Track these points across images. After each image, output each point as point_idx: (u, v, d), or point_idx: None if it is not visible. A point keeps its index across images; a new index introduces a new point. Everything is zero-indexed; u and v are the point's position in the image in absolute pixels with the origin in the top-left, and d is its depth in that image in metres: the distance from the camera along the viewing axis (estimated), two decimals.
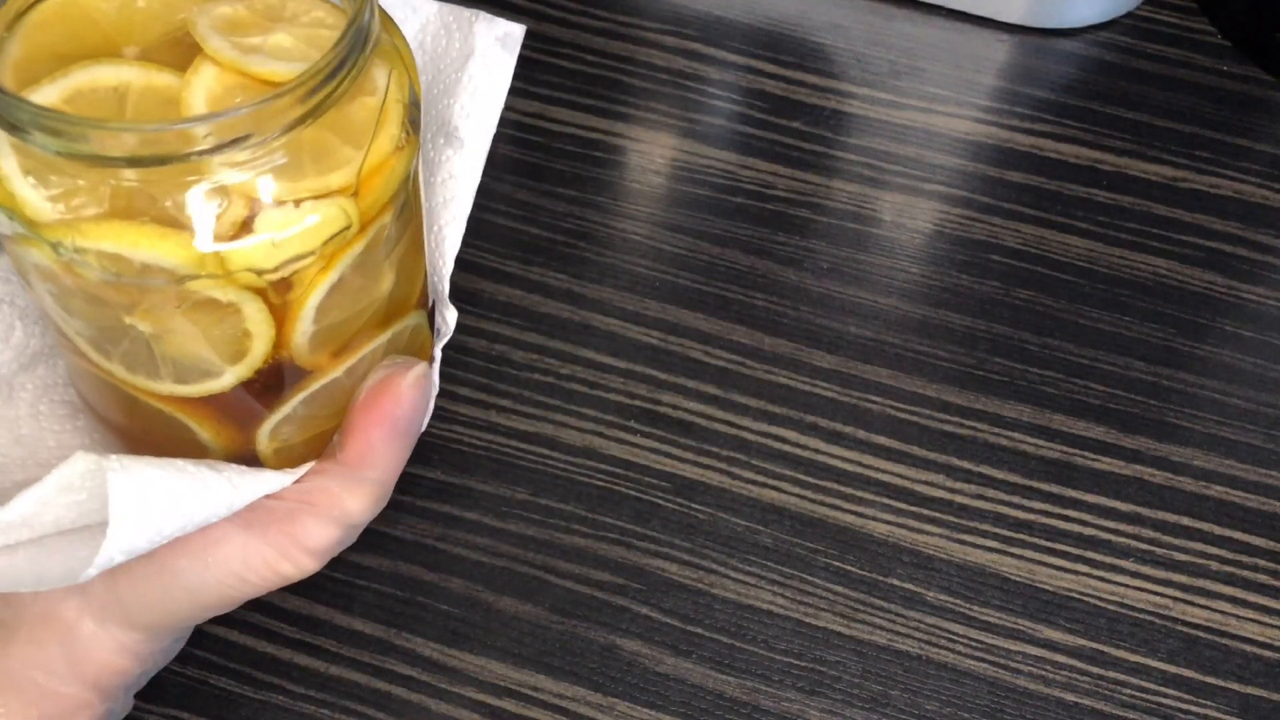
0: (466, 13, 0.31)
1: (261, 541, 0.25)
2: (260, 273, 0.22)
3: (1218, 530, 0.41)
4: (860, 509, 0.41)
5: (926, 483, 0.41)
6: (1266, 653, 0.38)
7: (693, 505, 0.40)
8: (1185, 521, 0.41)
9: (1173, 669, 0.38)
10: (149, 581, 0.25)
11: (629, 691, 0.36)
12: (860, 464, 0.42)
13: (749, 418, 0.43)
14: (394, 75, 0.24)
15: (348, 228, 0.23)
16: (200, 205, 0.21)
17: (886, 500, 0.41)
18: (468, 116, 0.30)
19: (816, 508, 0.41)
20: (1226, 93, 0.54)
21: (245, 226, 0.21)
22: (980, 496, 0.41)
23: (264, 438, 0.26)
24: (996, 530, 0.40)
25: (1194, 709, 0.37)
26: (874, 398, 0.43)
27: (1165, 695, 0.37)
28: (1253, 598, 0.39)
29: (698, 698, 0.36)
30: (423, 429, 0.28)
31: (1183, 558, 0.40)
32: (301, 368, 0.25)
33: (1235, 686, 0.38)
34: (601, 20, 0.55)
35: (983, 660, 0.38)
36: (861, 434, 0.42)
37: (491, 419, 0.42)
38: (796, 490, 0.41)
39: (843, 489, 0.41)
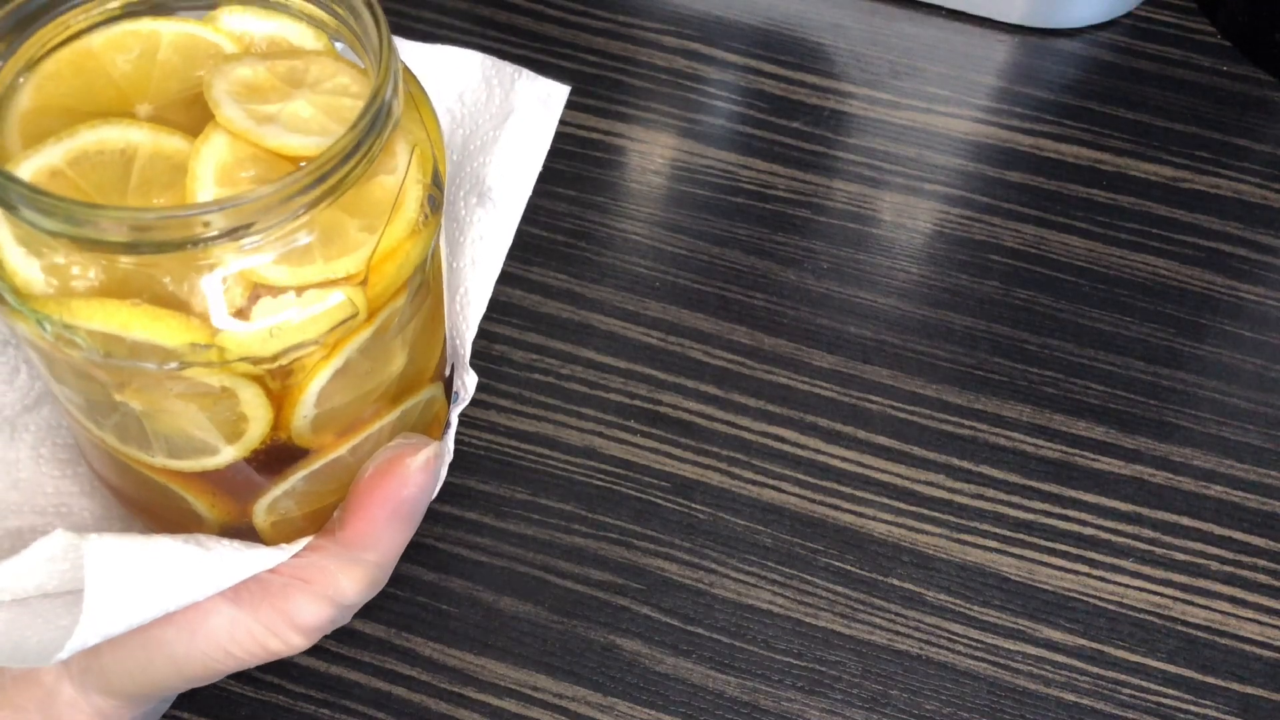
0: (509, 69, 0.29)
1: (251, 617, 0.24)
2: (257, 362, 0.21)
3: (1217, 530, 0.41)
4: (860, 509, 0.41)
5: (926, 483, 0.41)
6: (1266, 652, 0.38)
7: (693, 505, 0.40)
8: (1185, 521, 0.41)
9: (1172, 669, 0.38)
10: (131, 651, 0.25)
11: (629, 691, 0.36)
12: (860, 464, 0.42)
13: (749, 418, 0.43)
14: (416, 153, 0.23)
15: (354, 316, 0.21)
16: (197, 290, 0.20)
17: (886, 500, 0.41)
18: (502, 177, 0.28)
19: (816, 508, 0.41)
20: (1226, 93, 0.54)
21: (243, 313, 0.20)
22: (980, 496, 0.41)
23: (261, 512, 0.25)
24: (996, 530, 0.40)
25: (1194, 709, 0.37)
26: (874, 398, 0.43)
27: (1165, 695, 0.37)
28: (1252, 597, 0.39)
29: (698, 698, 0.36)
30: (432, 497, 0.27)
31: (1182, 557, 0.40)
32: (303, 448, 0.24)
33: (1235, 686, 0.38)
34: (601, 20, 0.55)
35: (982, 660, 0.38)
36: (861, 434, 0.42)
37: (491, 419, 0.42)
38: (796, 490, 0.41)
39: (843, 489, 0.41)
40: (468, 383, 0.29)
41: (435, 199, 0.23)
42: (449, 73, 0.30)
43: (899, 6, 0.56)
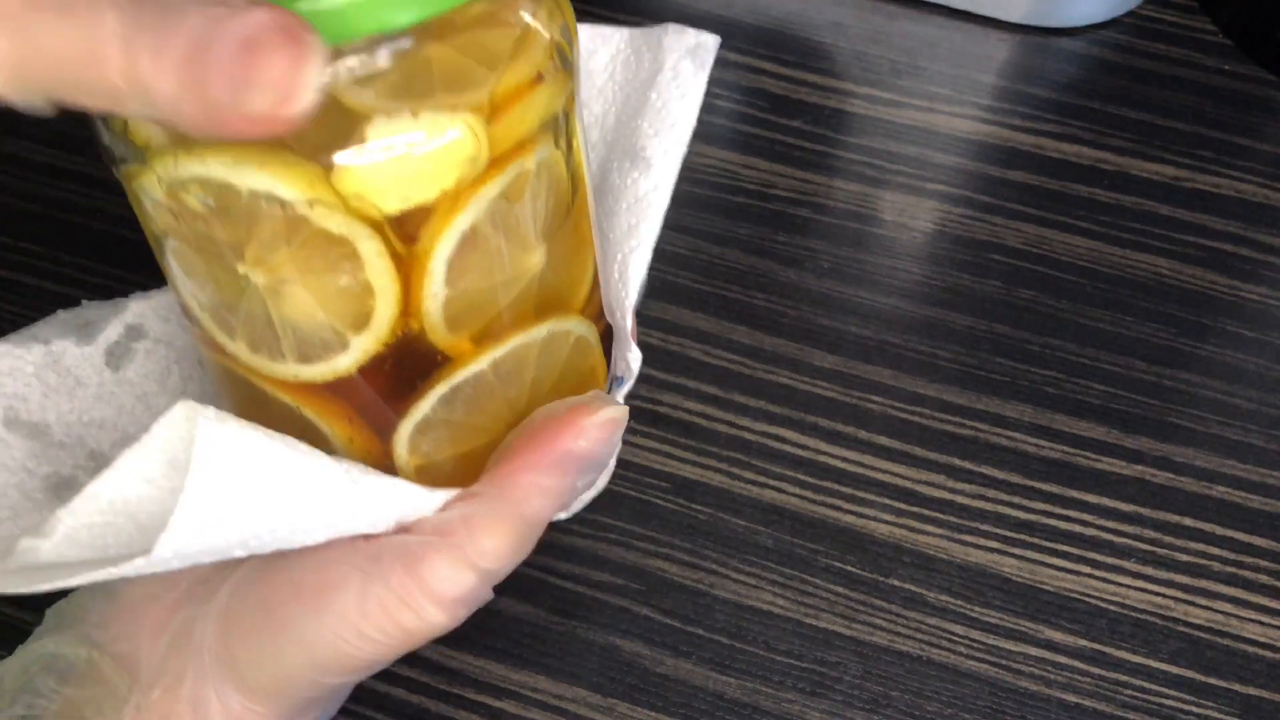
0: (655, 30, 0.28)
1: (382, 585, 0.21)
2: (376, 198, 0.19)
3: (1219, 531, 0.41)
4: (861, 509, 0.40)
5: (927, 483, 0.41)
6: (1268, 653, 0.38)
7: (693, 505, 0.40)
8: (1187, 522, 0.41)
9: (1174, 670, 0.38)
10: (260, 637, 0.22)
11: (629, 692, 0.36)
12: (861, 464, 0.42)
13: (749, 418, 0.42)
14: (544, 6, 0.21)
15: (475, 158, 0.20)
16: (322, 120, 0.18)
17: (887, 500, 0.41)
18: (654, 135, 0.27)
19: (817, 508, 0.40)
20: (1228, 92, 0.54)
21: (359, 141, 0.19)
22: (981, 497, 0.41)
23: (403, 446, 0.23)
24: (997, 531, 0.40)
25: (1195, 710, 0.37)
26: (875, 398, 0.43)
27: (1167, 696, 0.37)
28: (1255, 598, 0.39)
29: (698, 698, 0.36)
30: (598, 489, 0.25)
31: (1184, 558, 0.40)
32: (437, 348, 0.22)
33: (1237, 687, 0.37)
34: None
35: (984, 661, 0.38)
36: (862, 434, 0.42)
37: None
38: (797, 490, 0.41)
39: (843, 489, 0.41)
40: (632, 361, 0.26)
41: (564, 52, 0.22)
42: (600, 51, 0.28)
43: (900, 5, 0.56)
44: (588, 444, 0.22)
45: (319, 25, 0.17)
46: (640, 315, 0.45)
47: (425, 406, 0.22)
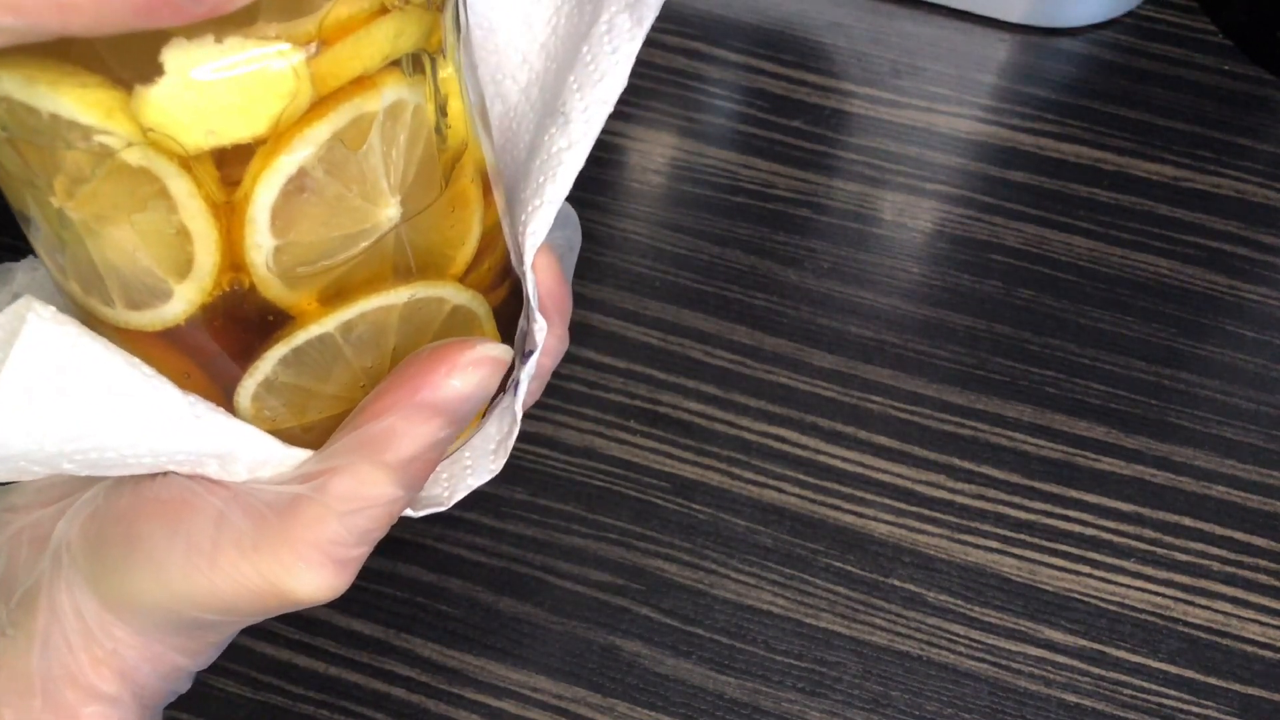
0: None
1: (240, 521, 0.20)
2: (178, 132, 0.17)
3: (1219, 530, 0.41)
4: (861, 509, 0.40)
5: (927, 483, 0.41)
6: (1267, 653, 0.38)
7: (693, 505, 0.40)
8: (1186, 522, 0.41)
9: (1174, 669, 0.38)
10: (116, 545, 0.21)
11: (629, 692, 0.36)
12: (861, 464, 0.42)
13: (749, 418, 0.42)
14: None
15: (295, 91, 0.18)
16: (111, 41, 0.16)
17: (887, 500, 0.41)
18: (577, 90, 0.25)
19: (817, 508, 0.40)
20: (1228, 92, 0.54)
21: (156, 66, 0.17)
22: (981, 497, 0.41)
23: (244, 406, 0.21)
24: (997, 530, 0.40)
25: (1195, 709, 0.37)
26: (874, 398, 0.43)
27: (1166, 696, 0.37)
28: (1254, 598, 0.39)
29: (698, 698, 0.36)
30: (489, 474, 0.24)
31: (1184, 558, 0.40)
32: (273, 304, 0.20)
33: (1236, 687, 0.37)
34: None
35: (983, 661, 0.38)
36: (862, 434, 0.42)
37: None
38: (797, 490, 0.41)
39: (843, 489, 0.41)
40: (535, 332, 0.24)
41: None
42: (541, 2, 0.27)
43: (900, 5, 0.56)
44: (462, 382, 0.21)
45: None
46: (640, 315, 0.45)
47: (265, 367, 0.21)
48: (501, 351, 0.21)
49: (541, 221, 0.24)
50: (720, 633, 0.38)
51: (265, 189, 0.19)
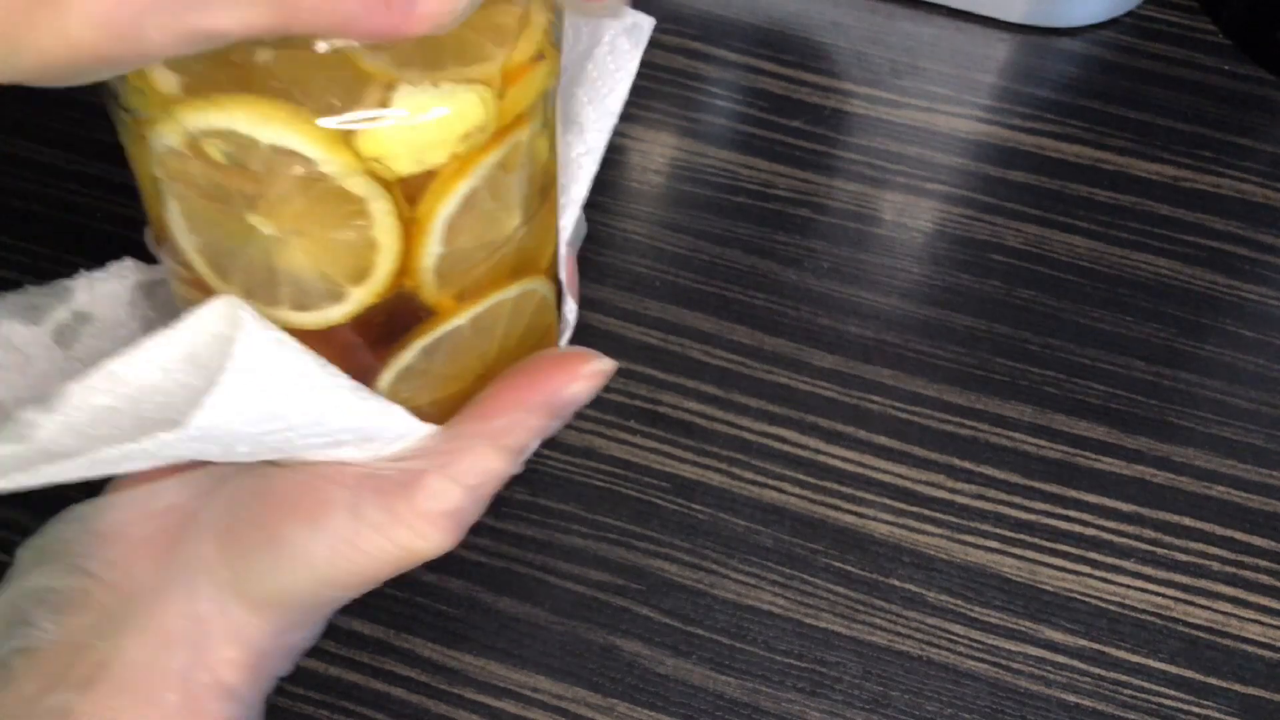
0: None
1: (373, 503, 0.23)
2: (393, 161, 0.21)
3: (1219, 531, 0.41)
4: (861, 509, 0.40)
5: (927, 483, 0.41)
6: (1268, 653, 0.38)
7: (693, 505, 0.40)
8: (1187, 522, 0.41)
9: (1174, 670, 0.38)
10: (260, 550, 0.23)
11: (629, 692, 0.36)
12: (861, 464, 0.42)
13: (749, 418, 0.42)
14: None
15: (483, 125, 0.21)
16: (334, 85, 0.20)
17: (887, 500, 0.41)
18: (588, 103, 0.29)
19: (817, 508, 0.40)
20: (1228, 92, 0.54)
21: (382, 105, 0.20)
22: (981, 497, 0.41)
23: (384, 391, 0.24)
24: (997, 530, 0.40)
25: (1195, 710, 0.37)
26: (874, 398, 0.43)
27: (1166, 696, 0.37)
28: (1254, 598, 0.39)
29: (698, 698, 0.36)
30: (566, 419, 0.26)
31: (1184, 558, 0.40)
32: (425, 303, 0.23)
33: (1236, 687, 0.37)
34: None
35: (983, 661, 0.38)
36: (862, 434, 0.42)
37: None
38: (797, 490, 0.41)
39: (843, 489, 0.41)
40: (568, 313, 0.29)
41: (557, 29, 0.23)
42: None
43: (900, 5, 0.56)
44: (579, 389, 0.24)
45: None
46: (640, 315, 0.45)
47: (408, 356, 0.24)
48: (609, 365, 0.25)
49: (569, 218, 0.28)
50: (720, 633, 0.38)
51: (446, 206, 0.22)
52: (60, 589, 0.24)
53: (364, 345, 0.23)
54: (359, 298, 0.22)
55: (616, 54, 0.29)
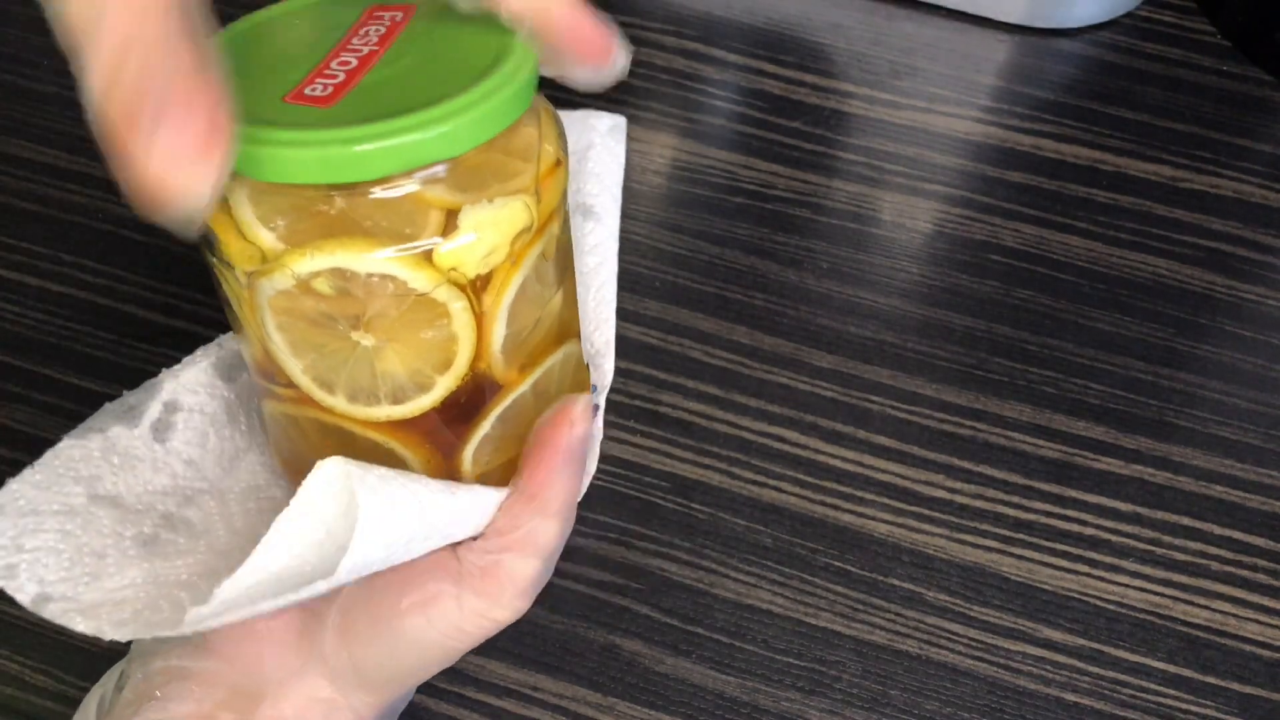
0: (577, 113, 0.35)
1: (474, 593, 0.27)
2: (467, 268, 0.24)
3: (1218, 530, 0.41)
4: (860, 509, 0.41)
5: (926, 482, 0.41)
6: (1266, 652, 0.38)
7: (693, 505, 0.40)
8: (1185, 521, 0.41)
9: (1172, 669, 0.38)
10: (377, 644, 0.27)
11: (629, 691, 0.36)
12: (860, 464, 0.42)
13: (749, 418, 0.43)
14: (541, 114, 0.27)
15: (530, 225, 0.25)
16: (404, 216, 0.24)
17: (886, 500, 0.41)
18: (597, 195, 0.34)
19: (816, 507, 0.41)
20: (1226, 93, 0.54)
21: (451, 228, 0.24)
22: (980, 496, 0.41)
23: (468, 462, 0.28)
24: (996, 530, 0.40)
25: (1194, 708, 0.37)
26: (874, 398, 0.43)
27: (1165, 695, 0.37)
28: (1253, 597, 0.39)
29: (698, 698, 0.36)
30: (588, 477, 0.30)
31: (1183, 557, 0.40)
32: (495, 381, 0.27)
33: (1235, 686, 0.38)
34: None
35: (983, 660, 0.38)
36: (861, 434, 0.42)
37: None
38: (796, 490, 0.41)
39: (843, 489, 0.41)
40: (607, 370, 0.33)
41: (564, 139, 0.28)
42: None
43: (899, 6, 0.56)
44: (580, 429, 0.28)
45: (408, 154, 0.22)
46: (640, 315, 0.45)
47: (485, 426, 0.28)
48: (587, 399, 0.28)
49: (610, 292, 0.34)
50: (720, 632, 0.38)
51: (507, 296, 0.26)
52: (191, 668, 0.28)
53: (447, 425, 0.27)
54: (445, 384, 0.26)
55: (609, 150, 0.35)
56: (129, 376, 0.42)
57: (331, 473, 0.24)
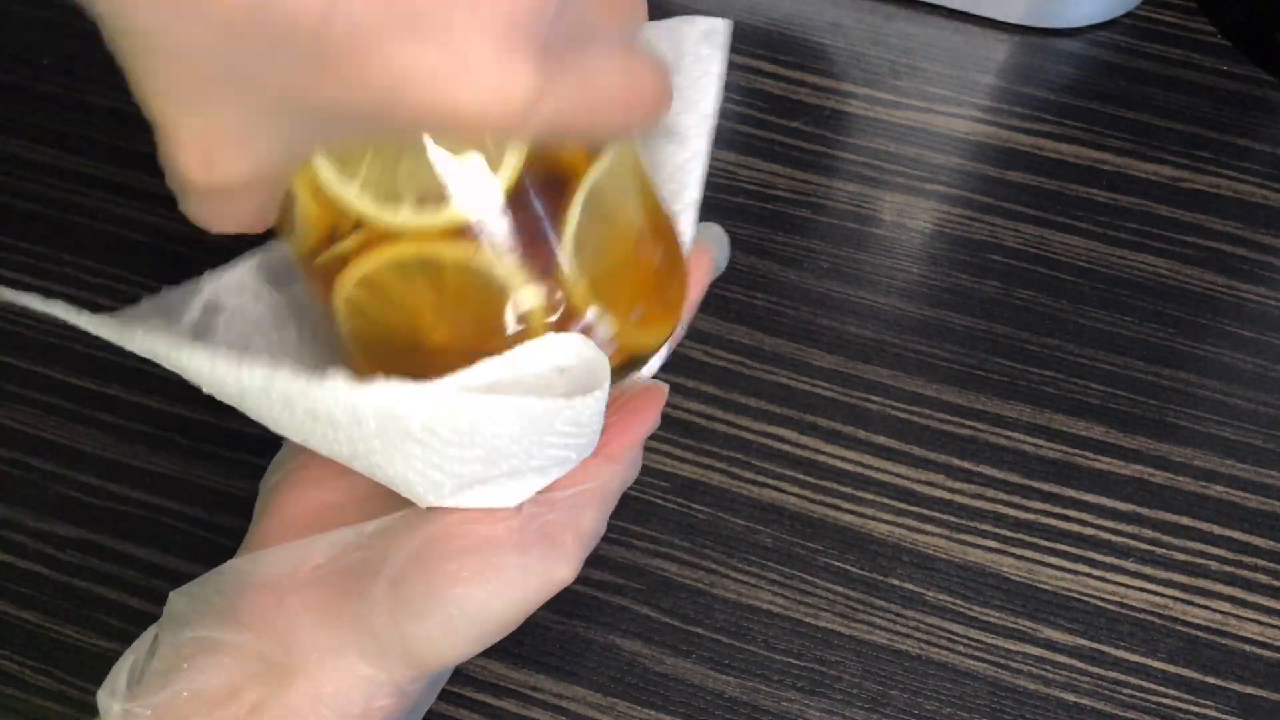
0: (667, 22, 0.31)
1: (537, 558, 0.27)
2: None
3: (1218, 530, 0.41)
4: (860, 509, 0.41)
5: (926, 482, 0.41)
6: (1266, 652, 0.38)
7: (693, 505, 0.40)
8: (1185, 521, 0.41)
9: (1173, 669, 0.38)
10: (434, 616, 0.26)
11: (629, 691, 0.36)
12: (860, 464, 0.42)
13: (749, 417, 0.43)
14: None
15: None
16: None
17: (886, 500, 0.41)
18: (682, 113, 0.31)
19: (816, 507, 0.41)
20: (1226, 93, 0.54)
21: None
22: (980, 496, 0.41)
23: (569, 254, 0.26)
24: (996, 530, 0.40)
25: (1194, 709, 0.37)
26: (874, 397, 0.43)
27: (1165, 695, 0.37)
28: (1253, 597, 0.39)
29: (697, 698, 0.36)
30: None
31: (1183, 557, 0.40)
32: (565, 163, 0.25)
33: (1235, 686, 0.38)
34: None
35: (983, 660, 0.38)
36: (861, 434, 0.42)
37: None
38: (796, 490, 0.41)
39: (843, 489, 0.41)
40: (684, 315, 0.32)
41: None
42: None
43: (899, 6, 0.56)
44: (656, 414, 0.30)
45: None
46: None
47: (575, 214, 0.25)
48: (665, 390, 0.31)
49: (689, 220, 0.31)
50: (720, 632, 0.38)
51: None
52: (222, 640, 0.27)
53: (543, 204, 0.25)
54: (510, 163, 0.24)
55: (700, 61, 0.31)
56: (129, 377, 0.42)
57: (574, 348, 0.25)
